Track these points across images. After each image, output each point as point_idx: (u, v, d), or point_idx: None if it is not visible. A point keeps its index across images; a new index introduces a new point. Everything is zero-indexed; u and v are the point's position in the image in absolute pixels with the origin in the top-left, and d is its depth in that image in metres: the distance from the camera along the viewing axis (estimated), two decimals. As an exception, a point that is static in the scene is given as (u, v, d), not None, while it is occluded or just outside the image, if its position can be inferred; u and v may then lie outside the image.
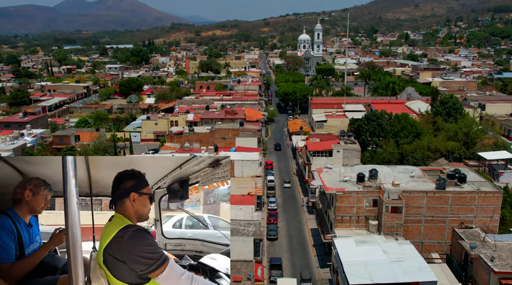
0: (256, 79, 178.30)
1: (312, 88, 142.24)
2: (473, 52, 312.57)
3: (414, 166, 56.16)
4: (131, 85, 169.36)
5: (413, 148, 76.97)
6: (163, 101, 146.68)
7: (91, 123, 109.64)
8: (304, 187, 76.28)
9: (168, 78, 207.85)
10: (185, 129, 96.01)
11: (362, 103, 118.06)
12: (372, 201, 48.11)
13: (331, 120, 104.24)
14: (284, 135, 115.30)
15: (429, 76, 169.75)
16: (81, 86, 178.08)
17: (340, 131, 76.13)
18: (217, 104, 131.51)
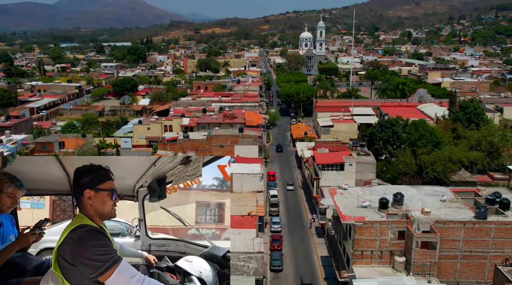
0: (256, 79, 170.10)
1: (316, 89, 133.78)
2: (479, 50, 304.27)
3: (444, 188, 47.91)
4: (125, 85, 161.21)
5: (432, 159, 68.91)
6: (158, 103, 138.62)
7: (79, 128, 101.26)
8: (310, 202, 68.19)
9: (165, 77, 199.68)
10: (179, 135, 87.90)
11: (370, 106, 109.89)
12: (397, 232, 40.02)
13: (338, 125, 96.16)
14: (287, 140, 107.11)
15: (438, 76, 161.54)
16: (73, 86, 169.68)
17: (352, 141, 68.07)
18: (215, 106, 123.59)
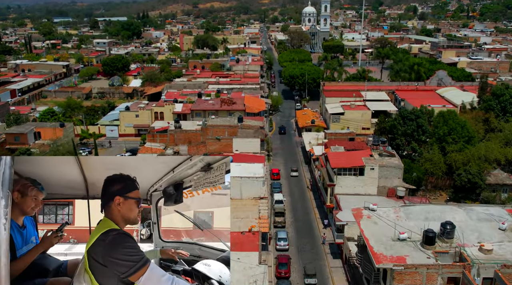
0: (257, 57, 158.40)
1: (322, 70, 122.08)
2: (489, 26, 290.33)
3: (500, 208, 37.54)
4: (115, 64, 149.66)
5: (465, 158, 58.64)
6: (151, 84, 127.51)
7: (59, 115, 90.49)
8: (321, 209, 58.22)
9: (160, 55, 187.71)
10: (170, 125, 77.37)
11: (384, 90, 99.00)
12: (447, 278, 30.00)
13: (350, 113, 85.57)
14: (292, 129, 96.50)
15: (453, 55, 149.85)
16: (60, 65, 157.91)
17: (372, 137, 57.67)
18: (212, 88, 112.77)
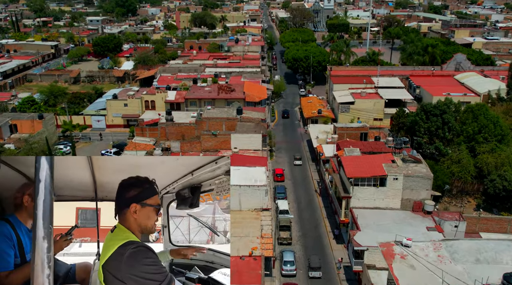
0: (257, 37, 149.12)
1: (328, 52, 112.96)
2: (499, 3, 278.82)
3: None
4: (107, 44, 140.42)
5: (498, 160, 50.75)
6: (144, 67, 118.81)
7: (40, 103, 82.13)
8: (333, 221, 50.56)
9: (155, 34, 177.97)
10: (161, 117, 69.30)
11: (396, 75, 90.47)
12: None
13: (361, 102, 77.36)
14: (296, 118, 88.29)
15: (467, 35, 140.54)
16: (48, 45, 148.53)
17: (394, 138, 49.70)
18: (209, 72, 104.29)
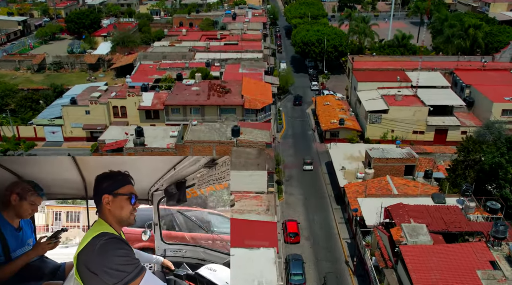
0: (258, 11, 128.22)
1: (346, 34, 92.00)
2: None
3: None
4: (82, 20, 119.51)
5: None
6: (123, 50, 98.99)
7: (-23, 110, 63.17)
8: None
9: (142, 5, 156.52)
10: (129, 138, 50.49)
11: (437, 68, 71.01)
12: None
13: (397, 110, 58.59)
14: (310, 127, 68.88)
15: (505, 9, 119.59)
16: (15, 20, 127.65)
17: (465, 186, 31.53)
18: (200, 59, 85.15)
